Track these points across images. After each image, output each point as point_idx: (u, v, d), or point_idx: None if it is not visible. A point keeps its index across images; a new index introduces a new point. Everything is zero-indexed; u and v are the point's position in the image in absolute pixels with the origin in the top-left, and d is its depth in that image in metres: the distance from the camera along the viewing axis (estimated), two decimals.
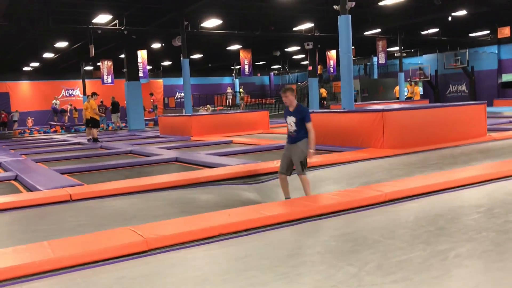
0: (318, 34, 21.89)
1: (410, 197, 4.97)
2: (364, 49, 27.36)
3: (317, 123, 9.82)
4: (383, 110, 8.77)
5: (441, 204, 4.70)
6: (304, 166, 5.22)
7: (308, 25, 21.12)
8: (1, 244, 3.94)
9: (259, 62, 34.00)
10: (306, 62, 27.43)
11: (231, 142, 12.55)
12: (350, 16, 9.83)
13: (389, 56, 27.11)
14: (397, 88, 24.58)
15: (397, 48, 24.23)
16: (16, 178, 7.56)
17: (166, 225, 3.92)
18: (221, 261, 3.27)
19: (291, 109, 5.38)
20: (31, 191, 6.42)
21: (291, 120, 5.32)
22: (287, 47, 27.21)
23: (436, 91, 28.59)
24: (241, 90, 34.57)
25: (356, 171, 7.00)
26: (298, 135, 5.28)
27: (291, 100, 5.35)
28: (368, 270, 2.95)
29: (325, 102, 27.07)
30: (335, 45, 23.26)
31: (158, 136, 16.00)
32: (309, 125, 5.25)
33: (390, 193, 4.93)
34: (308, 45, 22.55)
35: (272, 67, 40.06)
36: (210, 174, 6.89)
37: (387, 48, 24.44)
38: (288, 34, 22.14)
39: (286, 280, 2.88)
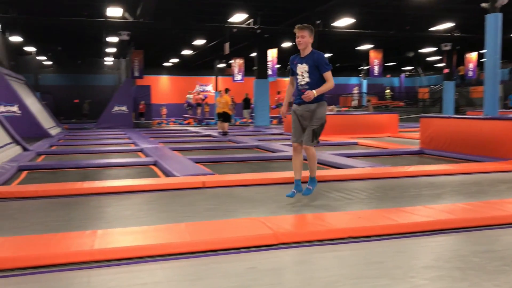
0: (458, 34, 20.38)
1: None
2: (510, 52, 24.87)
3: (453, 129, 9.20)
4: None
5: None
6: (316, 136, 4.49)
7: (447, 25, 19.77)
8: (142, 222, 4.27)
9: (389, 63, 32.76)
10: (441, 65, 25.73)
11: (356, 143, 12.25)
12: (500, 14, 8.96)
13: None
14: None
15: None
16: (155, 164, 8.21)
17: (295, 220, 3.90)
18: (351, 264, 3.15)
19: (302, 56, 4.42)
20: (168, 176, 6.92)
21: (302, 68, 4.39)
22: (421, 48, 25.83)
23: None
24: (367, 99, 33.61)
25: (498, 183, 6.34)
26: (312, 90, 4.37)
27: (306, 43, 4.37)
28: None
29: None
30: (476, 47, 21.51)
31: (282, 133, 16.23)
32: (328, 74, 4.36)
33: None
34: (445, 46, 21.15)
35: (403, 68, 38.35)
36: (336, 174, 6.77)
37: None
38: (424, 34, 21.00)
39: None
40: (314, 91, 4.31)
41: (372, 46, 24.16)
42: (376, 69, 24.05)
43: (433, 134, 9.81)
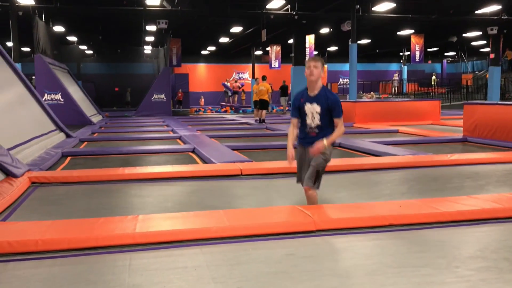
0: (505, 17, 19.50)
1: None
2: None
3: (499, 117, 8.85)
4: None
5: None
6: (318, 177, 3.76)
7: (493, 8, 18.93)
8: (181, 208, 4.33)
9: (431, 48, 31.78)
10: (487, 49, 24.74)
11: (397, 131, 11.99)
12: None
13: None
14: None
15: None
16: (193, 151, 8.30)
17: (334, 208, 3.85)
18: (393, 252, 3.09)
19: (311, 93, 3.78)
20: (206, 163, 6.98)
21: (313, 109, 3.74)
22: (465, 32, 24.88)
23: None
24: None
25: None
26: (322, 134, 3.74)
27: (317, 76, 3.71)
28: None
29: None
30: None
31: None
32: (340, 121, 3.73)
33: None
34: (491, 30, 20.28)
35: (445, 54, 37.13)
36: (375, 162, 6.64)
37: None
38: (468, 18, 20.17)
39: (468, 283, 2.58)
40: (324, 141, 3.65)
41: (413, 31, 23.43)
42: (417, 54, 23.36)
43: (477, 122, 9.47)
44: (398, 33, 24.55)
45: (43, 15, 18.21)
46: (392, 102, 16.38)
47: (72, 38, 25.46)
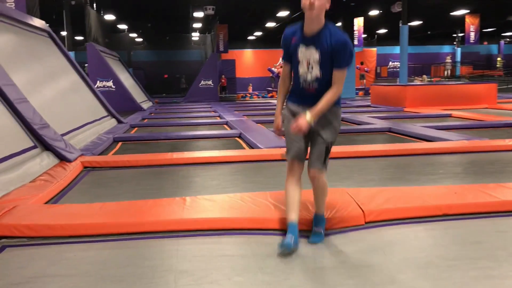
0: None
1: None
2: None
3: None
4: None
5: None
6: (327, 156, 2.84)
7: None
8: (228, 191, 4.32)
9: (487, 28, 30.22)
10: None
11: (449, 115, 11.53)
12: None
13: None
14: None
15: None
16: (240, 136, 8.31)
17: (384, 195, 3.68)
18: (447, 244, 2.94)
19: (308, 32, 2.67)
20: (252, 148, 6.97)
21: (309, 55, 2.67)
22: None
23: None
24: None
25: None
26: (323, 91, 2.70)
27: (321, 7, 2.62)
28: None
29: None
30: None
31: (369, 106, 15.70)
32: (340, 76, 2.66)
33: None
34: None
35: (503, 34, 35.24)
36: (428, 147, 6.40)
37: None
38: None
39: None
40: (307, 115, 2.64)
41: (468, 11, 22.36)
42: (472, 35, 22.31)
43: None
44: (452, 13, 23.49)
45: (95, 4, 18.70)
46: (444, 86, 15.71)
47: (122, 26, 26.06)
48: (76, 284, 2.48)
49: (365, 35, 28.52)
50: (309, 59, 2.66)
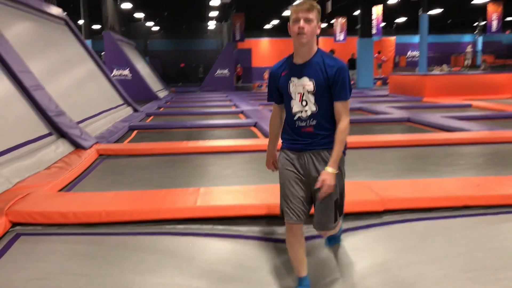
0: None
1: None
2: None
3: None
4: None
5: None
6: (340, 210, 2.34)
7: None
8: (242, 181, 4.27)
9: (510, 17, 29.47)
10: None
11: (470, 105, 11.28)
12: None
13: None
14: None
15: None
16: (255, 125, 8.24)
17: (403, 186, 3.59)
18: (465, 238, 2.83)
19: (300, 61, 2.30)
20: (267, 137, 6.88)
21: (301, 87, 2.27)
22: None
23: None
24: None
25: None
26: (323, 131, 2.28)
27: (310, 35, 2.29)
28: None
29: None
30: None
31: (387, 95, 15.45)
32: (344, 108, 2.26)
33: None
34: None
35: None
36: (448, 137, 6.24)
37: None
38: None
39: None
40: (329, 168, 2.19)
41: None
42: (495, 24, 21.74)
43: None
44: (473, 2, 22.94)
45: None
46: (464, 75, 15.37)
47: (139, 15, 26.07)
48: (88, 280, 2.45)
49: (384, 24, 28.07)
50: (302, 92, 2.25)
